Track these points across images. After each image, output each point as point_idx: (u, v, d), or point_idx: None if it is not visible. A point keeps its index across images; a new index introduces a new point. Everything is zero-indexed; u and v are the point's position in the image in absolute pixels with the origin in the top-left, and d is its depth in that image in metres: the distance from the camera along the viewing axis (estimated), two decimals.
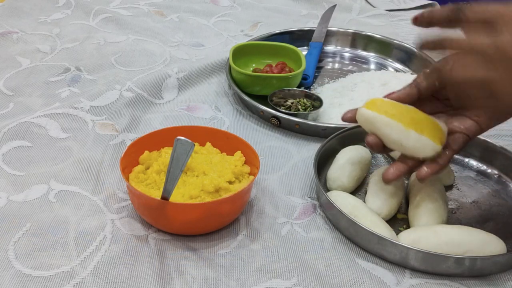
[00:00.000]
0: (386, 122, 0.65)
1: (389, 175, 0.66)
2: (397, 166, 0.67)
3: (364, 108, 0.67)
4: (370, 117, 0.66)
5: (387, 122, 0.65)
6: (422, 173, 0.65)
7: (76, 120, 0.86)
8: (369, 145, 0.67)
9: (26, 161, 0.78)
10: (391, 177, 0.66)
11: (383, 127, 0.65)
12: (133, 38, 1.13)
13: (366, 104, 0.67)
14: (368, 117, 0.66)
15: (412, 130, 0.64)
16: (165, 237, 0.67)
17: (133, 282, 0.61)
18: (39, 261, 0.63)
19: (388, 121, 0.65)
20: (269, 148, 0.85)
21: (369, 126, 0.67)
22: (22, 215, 0.69)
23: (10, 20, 1.16)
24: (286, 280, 0.63)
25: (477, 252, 0.64)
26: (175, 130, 0.76)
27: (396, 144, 0.65)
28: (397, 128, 0.64)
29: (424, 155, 0.65)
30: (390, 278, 0.64)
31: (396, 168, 0.66)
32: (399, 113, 0.65)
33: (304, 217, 0.72)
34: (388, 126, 0.65)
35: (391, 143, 0.66)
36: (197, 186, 0.67)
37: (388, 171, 0.66)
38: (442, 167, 0.66)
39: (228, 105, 0.94)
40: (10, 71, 0.99)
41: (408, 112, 0.65)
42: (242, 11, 1.30)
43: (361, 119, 0.68)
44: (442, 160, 0.66)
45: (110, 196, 0.73)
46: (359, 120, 0.68)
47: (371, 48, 1.12)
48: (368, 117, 0.66)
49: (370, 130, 0.67)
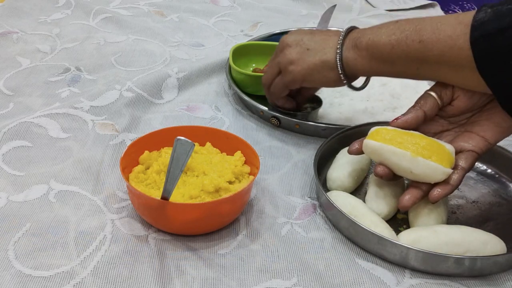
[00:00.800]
0: (393, 152, 0.65)
1: (405, 202, 0.66)
2: (411, 192, 0.67)
3: (369, 140, 0.67)
4: (377, 147, 0.66)
5: (394, 151, 0.65)
6: (434, 195, 0.65)
7: (76, 120, 0.86)
8: (379, 176, 0.67)
9: (26, 161, 0.78)
10: (407, 204, 0.66)
11: (391, 157, 0.65)
12: (133, 38, 1.13)
13: (371, 135, 0.68)
14: (374, 148, 0.66)
15: (420, 157, 0.64)
16: (165, 237, 0.67)
17: (133, 282, 0.61)
18: (39, 261, 0.63)
19: (395, 151, 0.65)
20: (269, 148, 0.85)
21: (376, 156, 0.67)
22: (22, 215, 0.69)
23: (10, 20, 1.16)
24: (286, 280, 0.63)
25: (477, 252, 0.64)
26: (175, 130, 0.76)
27: (406, 172, 0.65)
28: (404, 157, 0.64)
29: (436, 180, 0.65)
30: (390, 278, 0.64)
31: (411, 194, 0.66)
32: (405, 141, 0.65)
33: (304, 217, 0.72)
34: (396, 156, 0.65)
35: (400, 171, 0.66)
36: (197, 186, 0.67)
37: (404, 198, 0.66)
38: (455, 187, 0.66)
39: (228, 105, 0.94)
40: (10, 71, 0.99)
41: (413, 138, 0.65)
42: (242, 11, 1.30)
43: (367, 150, 0.68)
44: (453, 181, 0.66)
45: (110, 196, 0.73)
46: (366, 151, 0.68)
47: None
48: (374, 148, 0.67)
49: (378, 160, 0.67)
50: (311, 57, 0.76)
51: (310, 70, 0.76)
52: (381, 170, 0.67)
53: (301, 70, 0.76)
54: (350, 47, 0.73)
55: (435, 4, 1.40)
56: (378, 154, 0.67)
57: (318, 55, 0.75)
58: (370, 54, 0.71)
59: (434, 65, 0.66)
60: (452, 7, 1.44)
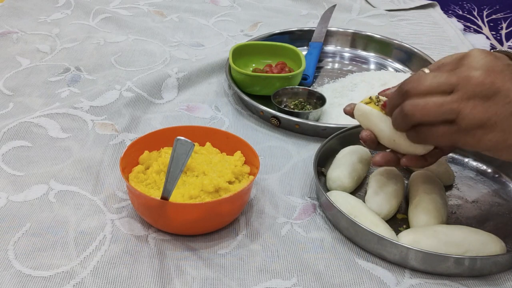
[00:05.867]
0: (381, 117, 0.65)
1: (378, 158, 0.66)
2: (387, 154, 0.67)
3: (361, 103, 0.68)
4: (366, 111, 0.66)
5: (382, 117, 0.65)
6: (404, 161, 0.65)
7: (76, 120, 0.86)
8: (363, 140, 0.67)
9: (26, 161, 0.78)
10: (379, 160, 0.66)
11: (378, 122, 0.66)
12: (133, 38, 1.13)
13: (364, 100, 0.68)
14: (364, 111, 0.67)
15: None
16: (165, 237, 0.67)
17: (133, 282, 0.61)
18: (39, 261, 0.63)
19: (382, 116, 0.65)
20: (269, 148, 0.85)
21: (365, 121, 0.67)
22: (22, 215, 0.69)
23: (10, 20, 1.16)
24: (286, 280, 0.63)
25: (477, 252, 0.64)
26: (175, 130, 0.76)
27: (389, 140, 0.65)
28: (390, 124, 0.64)
29: (415, 152, 0.65)
30: (390, 278, 0.64)
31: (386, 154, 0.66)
32: None
33: (304, 217, 0.72)
34: (382, 122, 0.65)
35: (384, 138, 0.66)
36: (197, 186, 0.67)
37: (377, 155, 0.66)
38: (428, 163, 0.66)
39: (228, 105, 0.94)
40: (10, 71, 0.99)
41: None
42: (242, 11, 1.30)
43: (357, 113, 0.68)
44: (431, 157, 0.65)
45: (110, 196, 0.73)
46: (356, 114, 0.69)
47: (371, 48, 1.13)
48: (364, 111, 0.67)
49: (366, 125, 0.68)
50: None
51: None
52: (366, 135, 0.67)
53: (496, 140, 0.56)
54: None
55: (435, 4, 1.40)
56: (366, 118, 0.67)
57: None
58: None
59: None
60: (452, 7, 1.44)
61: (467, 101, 0.55)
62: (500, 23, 1.36)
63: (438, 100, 0.56)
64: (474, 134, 0.56)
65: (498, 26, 1.34)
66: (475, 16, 1.39)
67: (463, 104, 0.55)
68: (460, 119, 0.56)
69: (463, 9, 1.43)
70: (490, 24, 1.35)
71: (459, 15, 1.39)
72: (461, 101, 0.55)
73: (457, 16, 1.38)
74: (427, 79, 0.57)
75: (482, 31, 1.31)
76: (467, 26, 1.33)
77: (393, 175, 0.74)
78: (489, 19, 1.38)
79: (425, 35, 1.25)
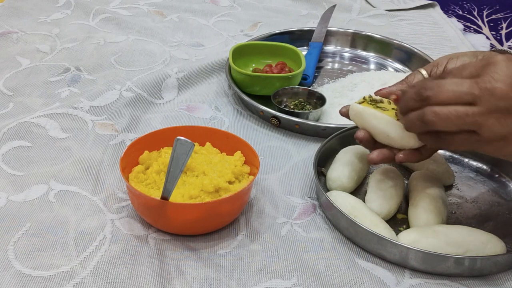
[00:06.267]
0: (374, 114, 0.66)
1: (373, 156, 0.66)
2: (382, 150, 0.67)
3: (355, 103, 0.68)
4: (360, 110, 0.67)
5: (374, 114, 0.66)
6: (399, 157, 0.65)
7: (76, 120, 0.86)
8: (359, 140, 0.68)
9: (26, 161, 0.78)
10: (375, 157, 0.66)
11: (371, 119, 0.66)
12: (133, 38, 1.13)
13: (358, 100, 0.69)
14: (358, 110, 0.68)
15: (398, 121, 0.65)
16: (165, 237, 0.67)
17: (133, 282, 0.61)
18: (39, 261, 0.63)
19: (375, 113, 0.66)
20: (269, 148, 0.85)
21: (359, 120, 0.68)
22: (22, 215, 0.69)
23: (10, 20, 1.16)
24: (286, 280, 0.63)
25: (476, 252, 0.64)
26: (175, 130, 0.75)
27: (383, 135, 0.66)
28: (383, 119, 0.65)
29: (409, 146, 0.65)
30: (390, 278, 0.64)
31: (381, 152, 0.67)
32: (387, 107, 0.66)
33: (304, 217, 0.72)
34: (376, 119, 0.66)
35: (379, 134, 0.66)
36: (197, 186, 0.67)
37: (373, 153, 0.67)
38: (423, 157, 0.66)
39: (228, 105, 0.94)
40: (10, 71, 0.99)
41: (395, 106, 0.66)
42: (242, 11, 1.30)
43: (352, 113, 0.69)
44: (426, 151, 0.66)
45: (110, 196, 0.73)
46: (351, 115, 0.69)
47: (371, 48, 1.13)
48: (358, 111, 0.68)
49: (360, 124, 0.68)
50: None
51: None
52: (361, 133, 0.67)
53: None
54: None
55: (435, 4, 1.40)
56: (360, 118, 0.68)
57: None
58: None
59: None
60: (452, 7, 1.44)
61: (490, 115, 0.55)
62: (500, 23, 1.36)
63: (460, 111, 0.55)
64: (495, 145, 0.56)
65: (498, 26, 1.34)
66: (475, 16, 1.39)
67: (486, 117, 0.55)
68: (482, 131, 0.55)
69: (463, 9, 1.43)
70: (490, 24, 1.35)
71: (459, 15, 1.39)
72: (484, 115, 0.55)
73: (457, 16, 1.38)
74: (449, 87, 0.56)
75: (482, 31, 1.31)
76: (467, 26, 1.33)
77: (393, 175, 0.74)
78: (489, 19, 1.38)
79: (425, 35, 1.25)
